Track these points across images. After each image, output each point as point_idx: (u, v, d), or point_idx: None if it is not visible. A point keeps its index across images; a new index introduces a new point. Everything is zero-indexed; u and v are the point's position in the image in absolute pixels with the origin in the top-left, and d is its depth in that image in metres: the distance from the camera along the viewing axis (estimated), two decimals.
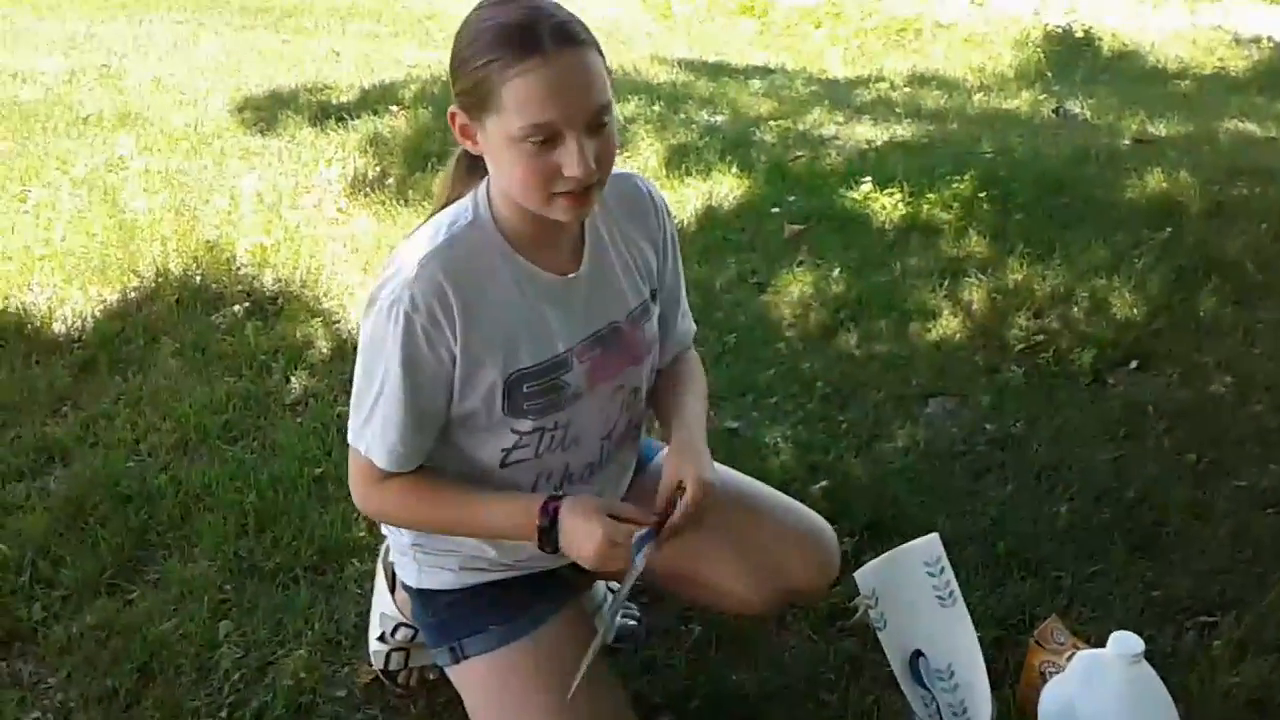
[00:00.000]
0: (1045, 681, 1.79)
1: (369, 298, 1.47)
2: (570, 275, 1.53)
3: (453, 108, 1.42)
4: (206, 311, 3.23)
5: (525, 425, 1.54)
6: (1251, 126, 5.17)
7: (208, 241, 3.63)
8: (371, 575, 2.11)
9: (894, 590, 1.79)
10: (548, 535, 1.49)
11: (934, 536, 1.84)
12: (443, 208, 1.53)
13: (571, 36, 1.35)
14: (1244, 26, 7.61)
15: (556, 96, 1.32)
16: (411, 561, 1.71)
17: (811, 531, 1.79)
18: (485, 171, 1.48)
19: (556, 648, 1.62)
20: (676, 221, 3.81)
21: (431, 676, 1.94)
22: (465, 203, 1.49)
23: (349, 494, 2.38)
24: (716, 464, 1.86)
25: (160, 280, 3.40)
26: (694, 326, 1.81)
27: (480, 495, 1.57)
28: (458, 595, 1.67)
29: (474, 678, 1.65)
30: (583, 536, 1.46)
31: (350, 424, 1.55)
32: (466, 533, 1.61)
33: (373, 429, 1.50)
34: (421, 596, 1.72)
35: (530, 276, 1.49)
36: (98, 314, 3.23)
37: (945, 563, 1.83)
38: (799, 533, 1.77)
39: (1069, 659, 1.79)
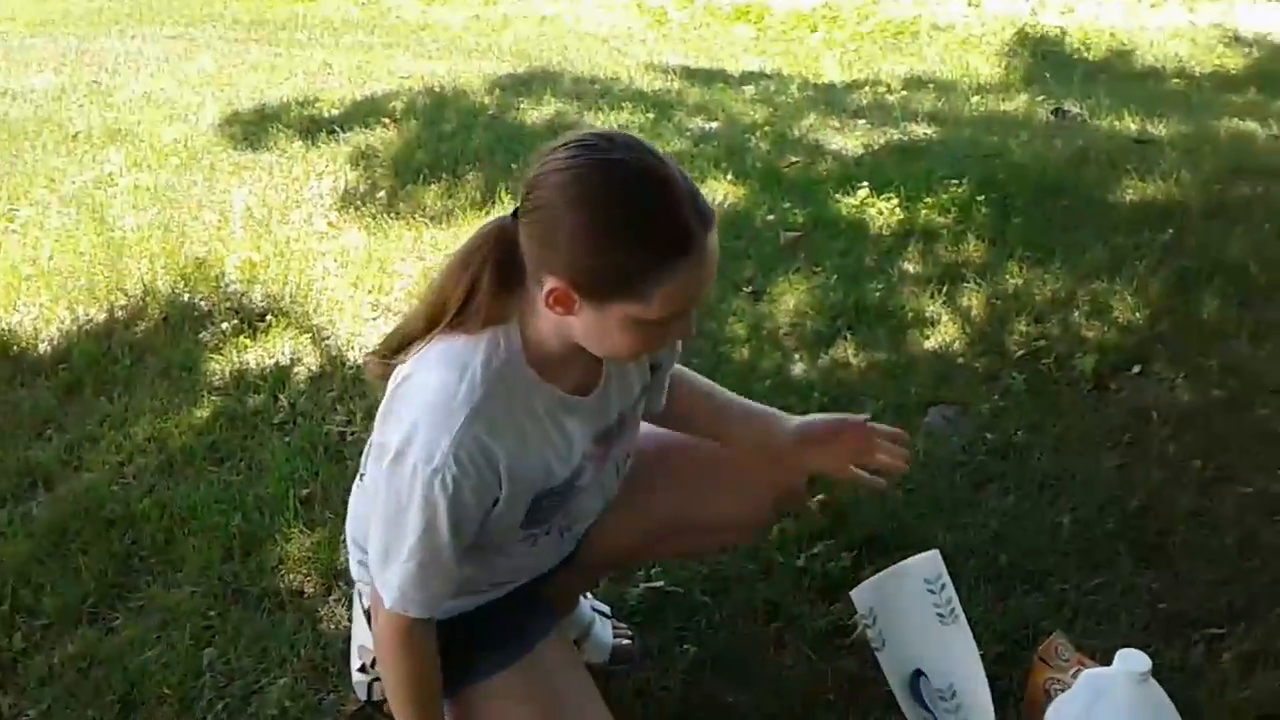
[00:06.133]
0: (1050, 700, 1.74)
1: (393, 440, 1.36)
2: (592, 394, 1.49)
3: (558, 284, 1.28)
4: (194, 330, 3.19)
5: (537, 530, 1.53)
6: (1252, 125, 5.12)
7: (196, 258, 3.59)
8: None
9: (893, 608, 1.75)
10: None
11: (935, 553, 1.80)
12: (456, 317, 1.39)
13: (710, 215, 1.30)
14: (1244, 24, 7.56)
15: (703, 284, 1.32)
16: None
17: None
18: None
19: (543, 674, 1.59)
20: None
21: None
22: (496, 339, 1.38)
23: (336, 514, 2.39)
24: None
25: (147, 298, 3.36)
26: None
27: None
28: (438, 628, 1.63)
29: (458, 709, 1.60)
30: None
31: (378, 575, 1.45)
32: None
33: (406, 582, 1.41)
34: None
35: (559, 401, 1.44)
36: (84, 334, 3.19)
37: (946, 579, 1.79)
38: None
39: (1074, 676, 1.74)
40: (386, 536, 1.41)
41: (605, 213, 1.27)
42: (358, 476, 1.62)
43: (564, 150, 1.30)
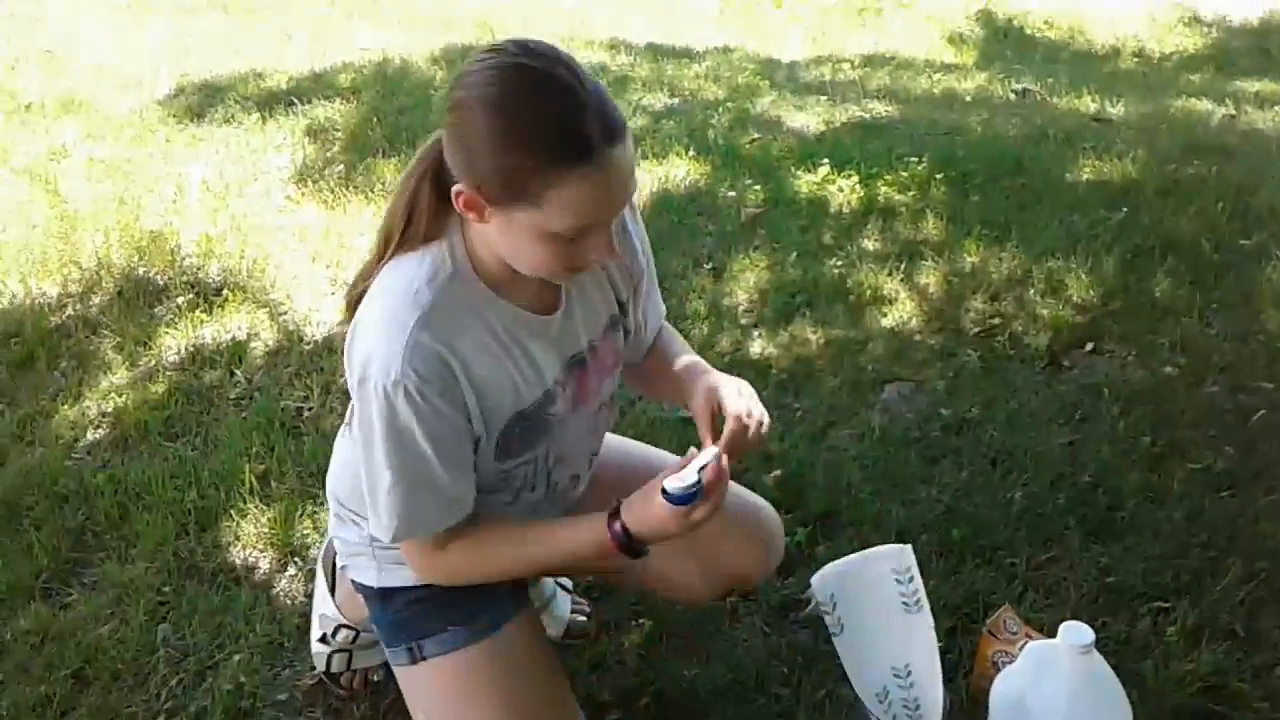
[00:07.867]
0: (998, 672, 1.77)
1: (355, 368, 1.36)
2: (552, 315, 1.47)
3: (463, 189, 1.29)
4: (149, 304, 3.16)
5: (510, 464, 1.51)
6: (1207, 105, 5.17)
7: (151, 232, 3.55)
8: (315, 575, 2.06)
9: (857, 597, 1.75)
10: (630, 550, 1.44)
11: (906, 547, 1.78)
12: (402, 237, 1.39)
13: (617, 129, 1.26)
14: (1203, 5, 7.62)
15: (605, 199, 1.28)
16: (370, 560, 1.65)
17: (754, 516, 1.77)
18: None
19: (517, 648, 1.60)
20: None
21: (375, 678, 1.90)
22: (440, 252, 1.38)
23: (292, 490, 2.37)
24: (658, 449, 1.82)
25: (102, 272, 3.32)
26: (663, 306, 1.76)
27: (543, 529, 1.52)
28: (420, 593, 1.61)
29: (430, 678, 1.60)
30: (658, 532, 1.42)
31: (371, 517, 1.45)
32: (544, 570, 1.56)
33: (393, 512, 1.41)
34: (381, 595, 1.66)
35: (515, 318, 1.43)
36: (36, 308, 3.15)
37: (915, 572, 1.78)
38: (742, 518, 1.73)
39: (1021, 649, 1.77)
40: (368, 468, 1.41)
41: (505, 114, 1.24)
42: (344, 425, 1.60)
43: (482, 54, 1.30)
